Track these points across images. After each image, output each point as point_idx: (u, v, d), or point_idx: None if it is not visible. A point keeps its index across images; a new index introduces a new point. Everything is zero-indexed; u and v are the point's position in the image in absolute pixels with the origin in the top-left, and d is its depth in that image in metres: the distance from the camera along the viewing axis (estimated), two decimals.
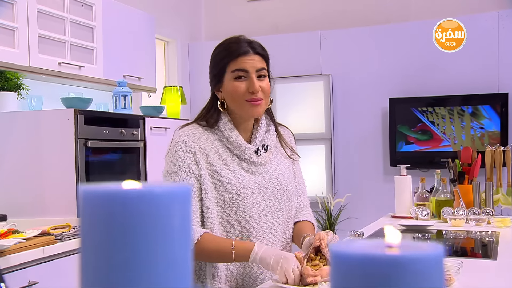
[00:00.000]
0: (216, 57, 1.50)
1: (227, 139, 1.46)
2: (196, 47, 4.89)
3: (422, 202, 2.68)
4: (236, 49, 1.44)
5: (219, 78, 1.47)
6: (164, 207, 0.34)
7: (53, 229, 2.36)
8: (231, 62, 1.44)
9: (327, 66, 4.54)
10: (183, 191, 0.36)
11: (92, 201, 0.35)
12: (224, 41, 1.51)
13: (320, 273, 1.24)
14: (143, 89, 3.62)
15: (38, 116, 2.69)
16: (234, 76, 1.43)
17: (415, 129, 4.25)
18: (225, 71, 1.45)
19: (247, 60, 1.43)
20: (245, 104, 1.44)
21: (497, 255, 1.75)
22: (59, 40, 2.82)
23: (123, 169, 3.02)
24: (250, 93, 1.43)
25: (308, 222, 1.59)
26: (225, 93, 1.47)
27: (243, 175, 1.44)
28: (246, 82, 1.43)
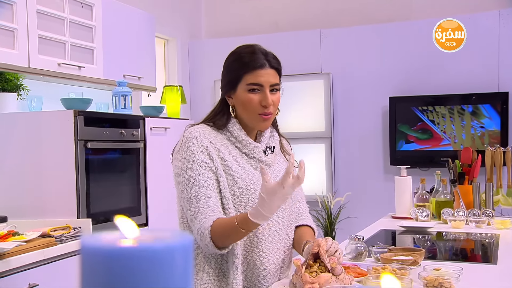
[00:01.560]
0: (232, 65, 1.51)
1: (236, 138, 1.48)
2: (196, 45, 4.88)
3: (422, 203, 2.68)
4: (252, 61, 1.46)
5: (232, 86, 1.49)
6: (166, 263, 0.34)
7: (53, 231, 2.36)
8: (246, 74, 1.46)
9: (327, 65, 4.53)
10: (183, 245, 0.36)
11: (91, 257, 0.35)
12: (240, 49, 1.53)
13: (318, 280, 1.24)
14: (143, 88, 3.62)
15: (38, 117, 2.68)
16: (248, 89, 1.46)
17: (415, 128, 4.24)
18: (239, 81, 1.47)
19: (263, 74, 1.46)
20: (256, 117, 1.48)
21: (497, 259, 1.75)
22: (59, 40, 2.81)
23: (123, 169, 3.01)
24: (263, 107, 1.46)
25: (309, 227, 1.60)
26: (237, 101, 1.49)
27: (252, 172, 1.46)
28: (259, 95, 1.46)
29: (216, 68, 5.54)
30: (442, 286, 1.27)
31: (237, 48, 1.55)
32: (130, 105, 3.13)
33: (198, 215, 1.36)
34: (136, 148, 3.04)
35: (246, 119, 1.49)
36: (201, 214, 1.36)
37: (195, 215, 1.37)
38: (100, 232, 0.39)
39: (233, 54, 1.53)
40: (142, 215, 3.08)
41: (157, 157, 3.18)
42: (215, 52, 4.82)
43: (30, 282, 2.14)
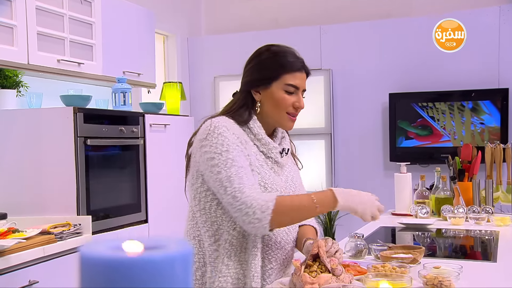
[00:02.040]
0: (270, 61, 1.49)
1: (255, 136, 1.48)
2: (196, 41, 4.87)
3: (422, 199, 2.68)
4: (293, 62, 1.47)
5: (266, 82, 1.47)
6: (166, 273, 0.34)
7: (53, 228, 2.36)
8: (287, 74, 1.46)
9: (327, 61, 4.52)
10: (183, 255, 0.36)
11: (91, 267, 0.35)
12: (277, 48, 1.51)
13: (318, 280, 1.24)
14: (143, 85, 3.61)
15: (38, 114, 2.68)
16: (285, 89, 1.46)
17: (415, 124, 4.24)
18: (276, 79, 1.46)
19: (300, 77, 1.48)
20: (285, 116, 1.49)
21: (496, 257, 1.75)
22: (58, 37, 2.81)
23: (123, 166, 3.01)
24: (294, 109, 1.48)
25: (311, 226, 1.60)
26: (267, 98, 1.48)
27: (269, 172, 1.47)
28: (293, 97, 1.47)
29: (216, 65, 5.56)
30: (442, 284, 1.27)
31: (271, 45, 1.53)
32: (130, 101, 3.12)
33: (245, 190, 1.32)
34: (136, 144, 3.04)
35: (274, 117, 1.49)
36: (249, 189, 1.32)
37: (241, 190, 1.32)
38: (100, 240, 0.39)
39: (269, 51, 1.50)
40: (142, 212, 3.08)
41: (157, 154, 3.18)
42: (215, 48, 4.81)
43: (30, 279, 2.15)
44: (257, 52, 1.53)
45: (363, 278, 1.28)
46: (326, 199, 1.35)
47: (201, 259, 1.44)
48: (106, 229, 2.78)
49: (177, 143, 3.42)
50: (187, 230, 1.50)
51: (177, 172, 3.42)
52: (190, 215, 1.51)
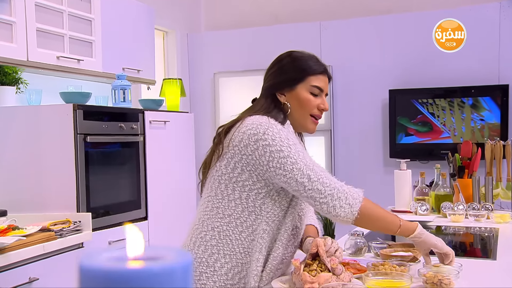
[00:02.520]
0: (294, 64, 1.50)
1: None
2: (196, 37, 4.86)
3: (422, 196, 2.68)
4: (316, 65, 1.50)
5: (291, 84, 1.48)
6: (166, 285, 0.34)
7: (53, 225, 2.36)
8: (313, 76, 1.48)
9: (327, 57, 4.50)
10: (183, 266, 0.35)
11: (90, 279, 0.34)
12: (299, 53, 1.53)
13: (318, 280, 1.24)
14: (142, 81, 3.60)
15: (37, 111, 2.68)
16: (311, 90, 1.48)
17: (415, 120, 4.24)
18: (301, 81, 1.48)
19: (324, 80, 1.51)
20: (309, 118, 1.50)
21: (496, 254, 1.75)
22: (58, 33, 2.80)
23: (123, 163, 3.01)
24: (318, 110, 1.50)
25: (312, 225, 1.60)
26: (292, 99, 1.48)
27: None
28: (318, 99, 1.49)
29: (216, 61, 5.54)
30: (441, 283, 1.27)
31: (294, 52, 1.54)
32: (130, 98, 3.12)
33: (331, 178, 1.37)
34: (136, 141, 3.04)
35: (298, 119, 1.49)
36: (333, 178, 1.37)
37: (328, 177, 1.36)
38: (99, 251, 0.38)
39: (290, 57, 1.52)
40: (141, 209, 3.08)
41: (156, 151, 3.18)
42: (215, 44, 4.80)
43: (30, 276, 2.15)
44: (279, 58, 1.54)
45: (363, 277, 1.28)
46: (409, 224, 1.44)
47: (220, 250, 1.41)
48: (106, 226, 2.78)
49: (177, 139, 3.43)
50: (203, 221, 1.44)
51: (177, 169, 3.43)
52: (209, 205, 1.44)
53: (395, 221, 1.42)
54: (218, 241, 1.41)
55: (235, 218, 1.40)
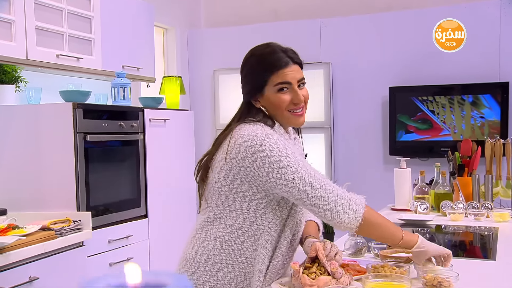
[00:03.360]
0: (254, 69, 1.47)
1: None
2: (195, 34, 4.84)
3: (422, 195, 2.68)
4: (275, 61, 1.44)
5: (259, 89, 1.45)
6: None
7: (53, 224, 2.36)
8: (272, 75, 1.43)
9: (327, 54, 4.50)
10: None
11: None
12: (258, 50, 1.48)
13: (317, 283, 1.24)
14: (142, 79, 3.60)
15: (37, 110, 2.67)
16: (277, 89, 1.43)
17: (415, 118, 4.23)
18: (266, 84, 1.44)
19: (288, 72, 1.43)
20: (289, 115, 1.45)
21: (496, 255, 1.76)
22: (57, 31, 2.79)
23: (123, 161, 3.01)
24: (294, 104, 1.44)
25: (313, 221, 1.60)
26: (266, 103, 1.46)
27: None
28: (289, 94, 1.44)
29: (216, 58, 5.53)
30: (441, 285, 1.27)
31: (254, 50, 1.50)
32: (129, 96, 3.11)
33: (333, 184, 1.37)
34: (136, 140, 3.04)
35: (280, 119, 1.46)
36: (335, 185, 1.37)
37: (330, 184, 1.36)
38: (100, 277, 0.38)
39: (252, 57, 1.49)
40: (141, 207, 3.08)
41: (156, 149, 3.18)
42: (215, 41, 4.79)
43: (31, 275, 2.15)
44: (244, 60, 1.51)
45: (363, 279, 1.28)
46: (411, 235, 1.42)
47: (223, 260, 1.40)
48: (106, 224, 2.78)
49: (177, 137, 3.42)
50: (206, 230, 1.43)
51: (177, 167, 3.43)
52: (210, 215, 1.43)
53: (398, 232, 1.41)
54: (221, 251, 1.40)
55: (237, 228, 1.39)
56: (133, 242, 2.97)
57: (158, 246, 3.15)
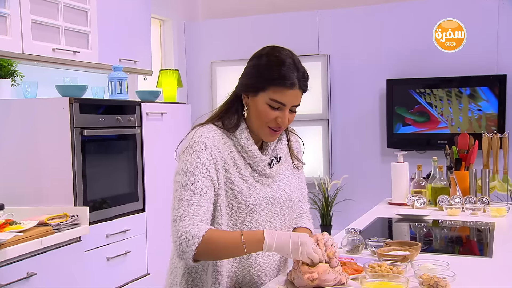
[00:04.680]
0: (262, 69, 1.41)
1: (242, 147, 1.43)
2: (193, 26, 4.82)
3: (419, 189, 2.69)
4: (283, 77, 1.38)
5: (254, 90, 1.42)
6: None
7: (50, 220, 2.36)
8: (273, 88, 1.38)
9: (325, 46, 4.48)
10: None
11: None
12: (278, 56, 1.41)
13: (316, 269, 1.26)
14: (139, 72, 3.58)
15: (33, 105, 2.66)
16: (270, 103, 1.40)
17: (413, 110, 4.23)
18: (263, 90, 1.40)
19: (289, 94, 1.39)
20: (266, 129, 1.43)
21: (492, 252, 1.76)
22: (53, 25, 2.77)
23: (120, 156, 3.00)
24: (276, 124, 1.42)
25: (306, 228, 1.59)
26: (252, 106, 1.43)
27: (254, 186, 1.43)
28: (278, 112, 1.40)
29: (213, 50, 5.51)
30: (438, 285, 1.28)
31: (274, 50, 1.44)
32: (126, 90, 3.10)
33: (185, 219, 1.31)
34: (133, 134, 3.03)
35: (256, 128, 1.44)
36: (189, 220, 1.31)
37: (182, 218, 1.32)
38: None
39: (263, 57, 1.43)
40: (139, 201, 3.08)
41: (154, 143, 3.17)
42: (212, 33, 4.77)
43: (28, 271, 2.15)
44: (260, 53, 1.46)
45: (360, 278, 1.29)
46: (255, 238, 1.31)
47: None
48: (103, 219, 2.78)
49: (174, 131, 3.41)
50: None
51: (174, 161, 3.42)
52: None
53: (238, 245, 1.30)
54: None
55: None
56: (131, 236, 2.97)
57: (155, 240, 3.16)
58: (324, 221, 4.28)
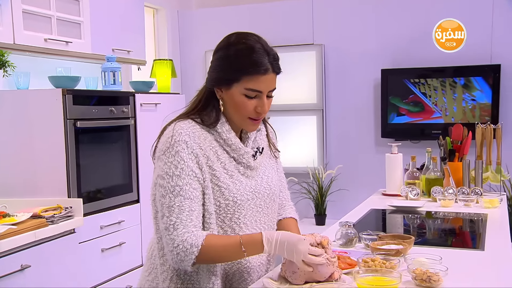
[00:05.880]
0: (230, 61, 1.36)
1: (224, 141, 1.39)
2: (186, 15, 4.78)
3: (413, 180, 2.69)
4: (256, 64, 1.33)
5: (227, 82, 1.37)
6: None
7: (44, 212, 2.36)
8: (247, 78, 1.34)
9: (319, 36, 4.46)
10: None
11: None
12: (242, 40, 1.37)
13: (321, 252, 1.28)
14: (133, 62, 3.56)
15: (26, 96, 2.64)
16: (246, 93, 1.36)
17: (407, 100, 4.23)
18: (236, 82, 1.35)
19: (264, 80, 1.35)
20: (246, 120, 1.39)
21: (484, 244, 1.77)
22: (45, 15, 2.74)
23: (114, 147, 2.99)
24: (256, 113, 1.38)
25: (292, 218, 1.59)
26: (228, 99, 1.38)
27: (240, 180, 1.40)
28: (255, 101, 1.37)
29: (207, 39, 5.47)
30: (430, 279, 1.28)
31: (239, 37, 1.38)
32: (120, 80, 3.08)
33: (179, 227, 1.28)
34: (127, 125, 3.02)
35: (235, 121, 1.41)
36: (183, 228, 1.28)
37: (175, 227, 1.29)
38: None
39: (231, 47, 1.37)
40: (133, 192, 3.08)
41: (147, 133, 3.16)
42: (206, 22, 4.73)
43: (22, 263, 2.15)
44: (225, 43, 1.40)
45: (353, 273, 1.29)
46: (254, 243, 1.30)
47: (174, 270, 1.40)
48: (97, 210, 2.78)
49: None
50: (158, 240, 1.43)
51: None
52: (153, 220, 1.46)
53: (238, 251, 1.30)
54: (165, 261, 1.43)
55: None
56: (125, 227, 2.97)
57: (150, 231, 3.14)
58: (318, 211, 4.29)
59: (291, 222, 1.56)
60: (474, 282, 1.39)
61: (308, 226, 4.19)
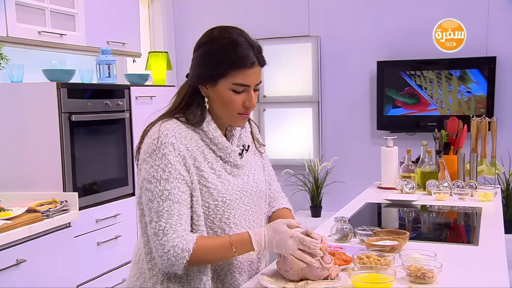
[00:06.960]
0: (215, 56, 1.33)
1: (210, 140, 1.38)
2: (182, 6, 4.75)
3: (408, 173, 2.70)
4: (241, 58, 1.32)
5: (213, 79, 1.34)
6: None
7: (39, 206, 2.35)
8: (234, 72, 1.32)
9: (315, 28, 4.45)
10: None
11: None
12: (225, 34, 1.34)
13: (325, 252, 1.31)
14: (128, 54, 3.53)
15: (20, 89, 2.63)
16: (233, 88, 1.34)
17: (403, 92, 4.23)
18: (223, 77, 1.33)
19: (251, 74, 1.34)
20: (235, 116, 1.38)
21: (478, 239, 1.78)
22: (38, 7, 2.72)
23: (109, 140, 2.98)
24: (244, 108, 1.36)
25: (286, 209, 1.58)
26: (214, 96, 1.36)
27: (228, 180, 1.38)
28: (243, 95, 1.35)
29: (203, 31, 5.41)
30: (425, 276, 1.29)
31: (222, 32, 1.35)
32: (115, 73, 3.06)
33: (169, 233, 1.26)
34: (122, 118, 3.01)
35: (223, 117, 1.39)
36: (173, 233, 1.26)
37: (165, 232, 1.26)
38: None
39: (214, 42, 1.35)
40: (129, 185, 3.07)
41: (143, 126, 3.14)
42: (202, 13, 4.71)
43: (18, 258, 2.15)
44: (207, 38, 1.37)
45: (349, 270, 1.30)
46: (244, 243, 1.31)
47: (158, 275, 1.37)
48: (93, 204, 2.78)
49: None
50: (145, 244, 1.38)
51: None
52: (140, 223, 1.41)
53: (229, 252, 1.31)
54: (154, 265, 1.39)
55: None
56: (121, 220, 2.97)
57: None
58: (314, 203, 4.31)
59: (286, 212, 1.56)
60: (468, 278, 1.40)
61: (304, 218, 4.21)
